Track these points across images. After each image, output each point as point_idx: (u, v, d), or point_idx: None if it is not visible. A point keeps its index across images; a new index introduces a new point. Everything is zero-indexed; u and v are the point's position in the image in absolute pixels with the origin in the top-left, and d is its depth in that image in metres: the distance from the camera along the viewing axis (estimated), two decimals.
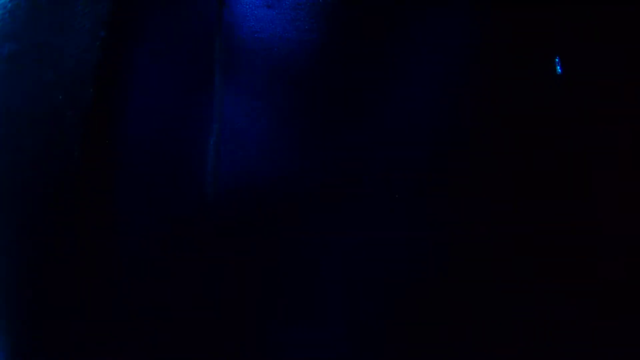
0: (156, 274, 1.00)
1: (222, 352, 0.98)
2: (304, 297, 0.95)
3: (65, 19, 1.12)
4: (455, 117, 0.93)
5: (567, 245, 0.91)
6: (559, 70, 0.92)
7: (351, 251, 0.93)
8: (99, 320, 1.04)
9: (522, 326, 0.91)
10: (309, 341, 0.95)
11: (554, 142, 0.91)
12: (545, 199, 0.91)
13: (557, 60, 0.92)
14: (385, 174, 0.93)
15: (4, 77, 1.19)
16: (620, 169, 0.91)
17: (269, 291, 0.96)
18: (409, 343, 0.93)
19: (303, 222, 0.94)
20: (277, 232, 0.95)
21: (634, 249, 0.91)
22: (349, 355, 0.94)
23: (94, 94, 1.06)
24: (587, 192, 0.91)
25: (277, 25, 0.98)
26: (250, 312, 0.96)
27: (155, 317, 1.01)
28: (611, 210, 0.91)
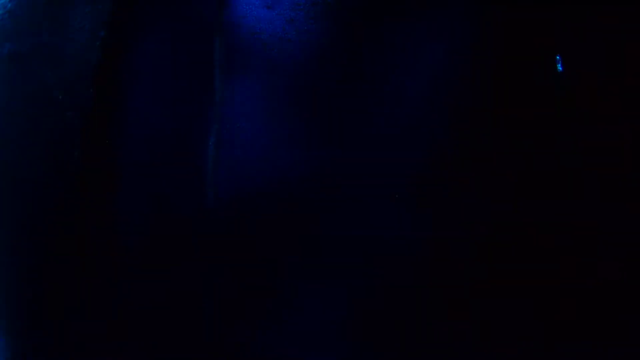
0: (156, 274, 1.00)
1: (222, 352, 0.98)
2: (304, 297, 0.95)
3: (65, 19, 1.12)
4: (455, 116, 0.93)
5: (567, 245, 0.91)
6: (560, 68, 0.92)
7: (351, 251, 0.93)
8: (99, 320, 1.04)
9: (522, 326, 0.91)
10: (309, 341, 0.96)
11: (554, 142, 0.91)
12: (545, 198, 0.91)
13: (557, 58, 0.92)
14: (385, 174, 0.93)
15: (4, 77, 1.19)
16: (621, 168, 0.91)
17: (269, 291, 0.96)
18: (410, 342, 0.93)
19: (302, 222, 0.95)
20: (277, 231, 0.95)
21: (633, 249, 0.91)
22: (350, 355, 0.94)
23: (94, 94, 1.06)
24: (587, 192, 0.91)
25: (276, 26, 0.98)
26: (250, 312, 0.97)
27: (155, 317, 1.01)
28: (611, 210, 0.91)
